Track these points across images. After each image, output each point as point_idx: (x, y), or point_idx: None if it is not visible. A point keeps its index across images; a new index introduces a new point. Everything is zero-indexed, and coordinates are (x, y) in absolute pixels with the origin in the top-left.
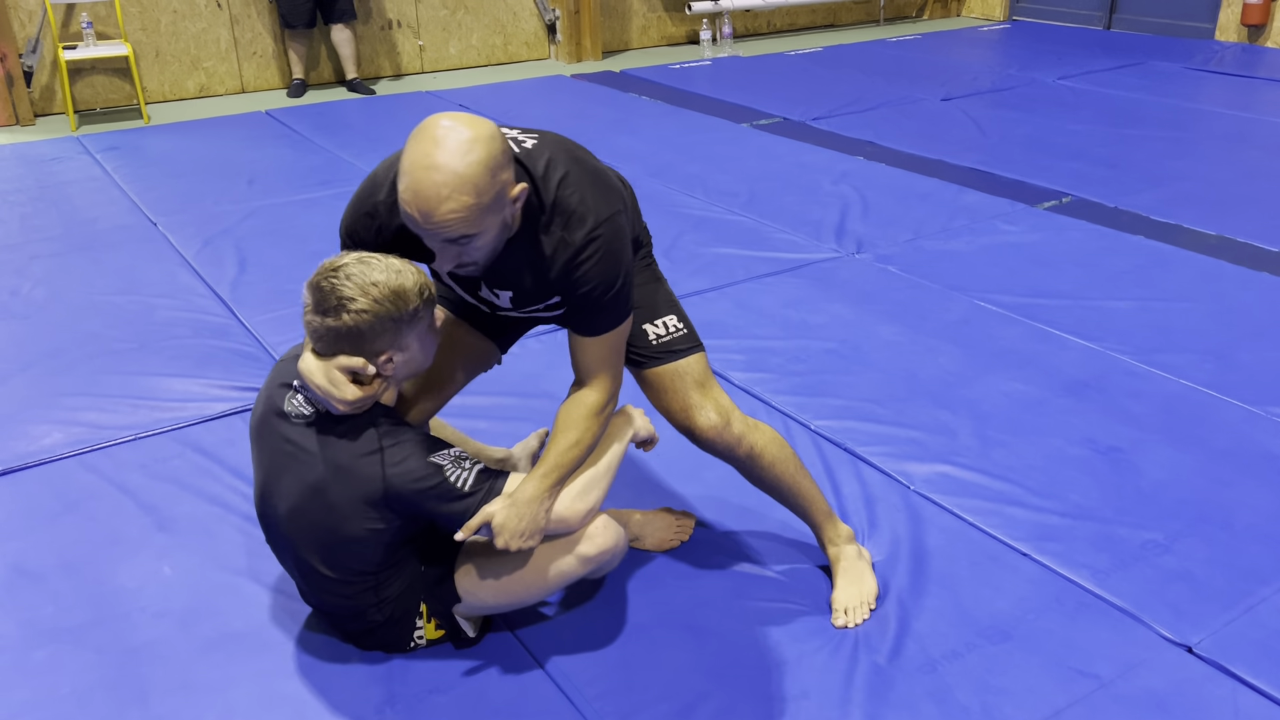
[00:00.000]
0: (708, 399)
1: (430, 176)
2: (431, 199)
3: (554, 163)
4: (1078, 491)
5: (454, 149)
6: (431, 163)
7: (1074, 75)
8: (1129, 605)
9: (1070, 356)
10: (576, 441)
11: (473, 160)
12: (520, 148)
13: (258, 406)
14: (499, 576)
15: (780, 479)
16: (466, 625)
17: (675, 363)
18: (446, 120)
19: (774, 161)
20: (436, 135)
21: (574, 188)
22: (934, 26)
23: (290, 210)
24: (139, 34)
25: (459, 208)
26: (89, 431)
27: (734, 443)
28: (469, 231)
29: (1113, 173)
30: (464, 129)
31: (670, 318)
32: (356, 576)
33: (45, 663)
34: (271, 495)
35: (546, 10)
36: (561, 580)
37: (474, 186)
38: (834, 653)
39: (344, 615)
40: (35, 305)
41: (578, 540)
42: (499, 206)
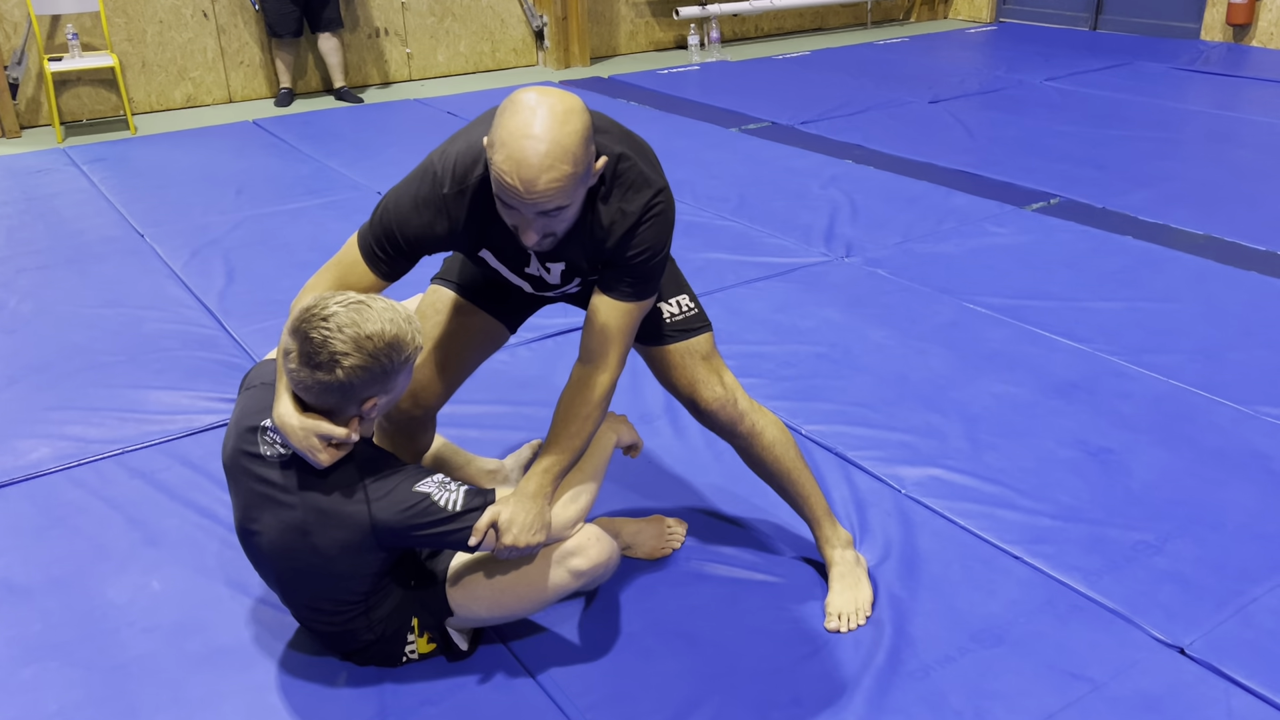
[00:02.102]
0: (714, 374)
1: (534, 146)
2: (535, 167)
3: (612, 138)
4: (1069, 493)
5: (554, 119)
6: (532, 132)
7: (1061, 76)
8: (1121, 607)
9: (1060, 358)
10: (578, 431)
11: (571, 130)
12: None
13: (227, 442)
14: (492, 590)
15: (779, 462)
16: (459, 638)
17: (686, 341)
18: (537, 93)
19: (763, 166)
20: (534, 105)
21: (632, 161)
22: (921, 29)
23: (278, 220)
24: (125, 45)
25: (560, 177)
26: (76, 446)
27: (737, 418)
28: (564, 203)
29: (1100, 174)
30: (559, 101)
31: (683, 297)
32: (346, 606)
33: (32, 680)
34: (252, 527)
35: (534, 17)
36: (555, 593)
37: (573, 156)
38: (826, 659)
39: (335, 638)
40: (22, 319)
41: (570, 554)
42: (588, 177)
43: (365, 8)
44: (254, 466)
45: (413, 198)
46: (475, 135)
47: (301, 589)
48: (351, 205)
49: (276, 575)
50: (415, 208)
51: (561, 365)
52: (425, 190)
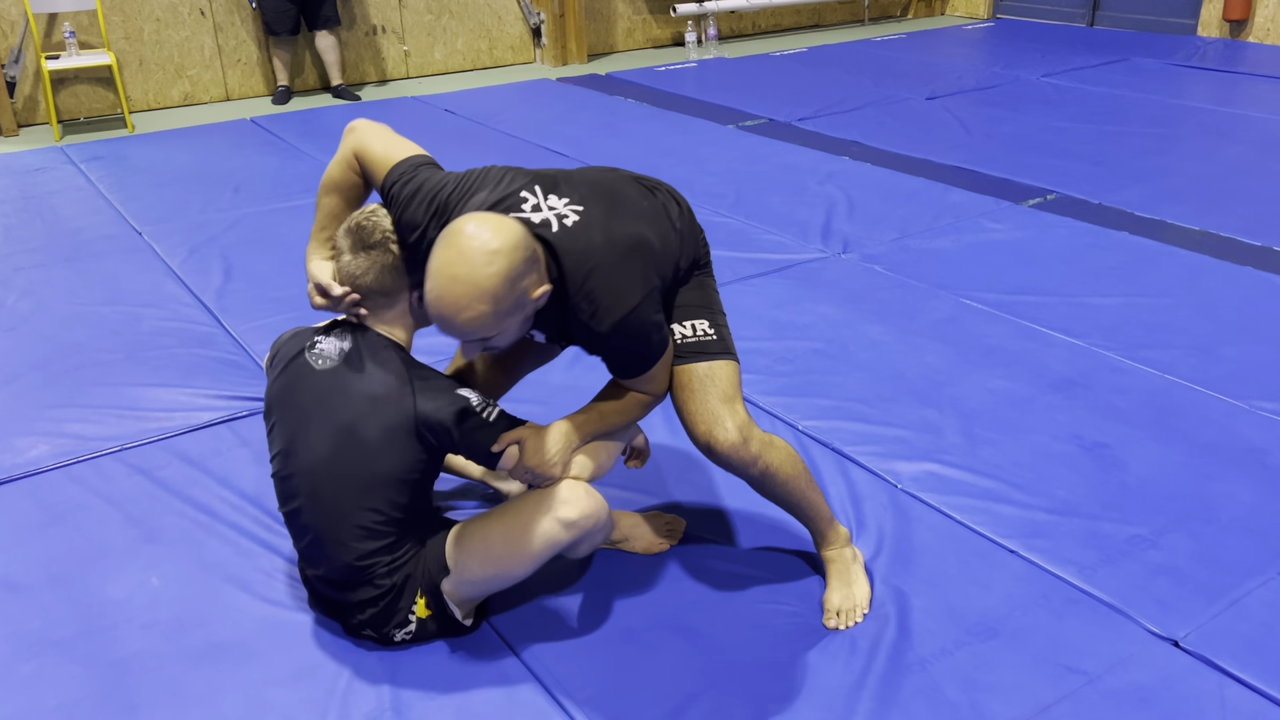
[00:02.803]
0: (727, 412)
1: (452, 287)
2: (451, 307)
3: (590, 250)
4: (1064, 488)
5: (476, 260)
6: (454, 273)
7: (1058, 73)
8: (1116, 600)
9: (1056, 353)
10: (621, 410)
11: (492, 272)
12: (561, 226)
13: (274, 382)
14: (484, 542)
15: (790, 495)
16: (455, 609)
17: (700, 364)
18: (472, 226)
19: (760, 162)
20: (461, 245)
21: (602, 279)
22: (919, 26)
23: (276, 218)
24: (122, 43)
25: (477, 315)
26: (75, 443)
27: (750, 462)
28: (488, 334)
29: (1097, 169)
30: (492, 236)
31: (701, 322)
32: (378, 526)
33: (32, 676)
34: (296, 453)
35: (531, 14)
36: (547, 547)
37: (492, 297)
38: (824, 653)
39: (351, 581)
40: (20, 317)
41: (560, 503)
42: (519, 308)
43: (362, 5)
44: (305, 383)
45: (421, 198)
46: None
47: (341, 502)
48: None
49: (314, 500)
50: (415, 203)
51: (558, 364)
52: (425, 201)
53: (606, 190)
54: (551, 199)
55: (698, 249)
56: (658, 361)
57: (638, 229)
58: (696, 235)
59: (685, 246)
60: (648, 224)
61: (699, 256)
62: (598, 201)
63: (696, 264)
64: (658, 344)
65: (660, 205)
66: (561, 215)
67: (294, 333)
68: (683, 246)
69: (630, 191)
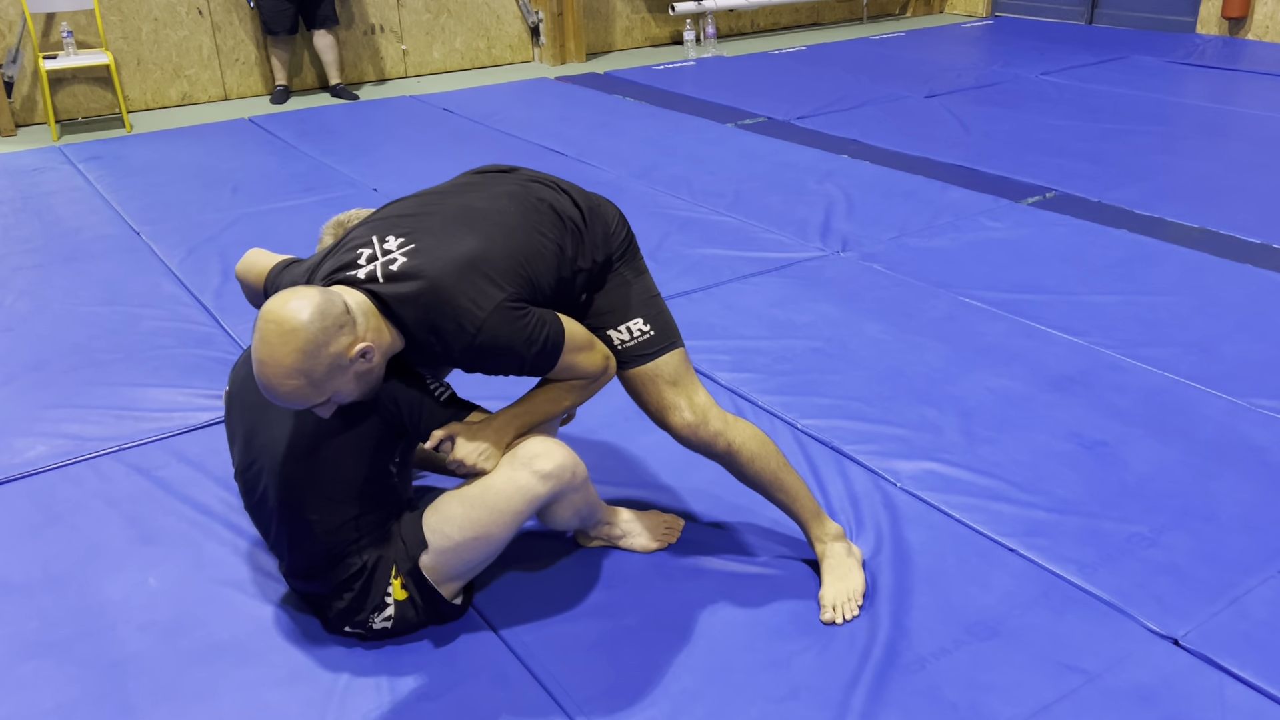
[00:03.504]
0: (681, 397)
1: (263, 370)
2: (269, 388)
3: (420, 289)
4: (1064, 486)
5: (274, 343)
6: (260, 357)
7: (1057, 71)
8: (1115, 599)
9: (1055, 351)
10: (555, 399)
11: (291, 350)
12: (386, 274)
13: (237, 371)
14: (463, 505)
15: (761, 474)
16: (441, 589)
17: (644, 366)
18: (274, 309)
19: (759, 161)
20: (261, 331)
21: (439, 310)
22: (917, 24)
23: (275, 218)
24: (120, 42)
25: (294, 389)
26: (73, 443)
27: (710, 439)
28: (317, 400)
29: (1096, 167)
30: (283, 319)
31: (636, 321)
32: (340, 502)
33: (29, 676)
34: (257, 435)
35: (530, 13)
36: (526, 502)
37: (299, 372)
38: (823, 652)
39: (319, 565)
40: (18, 317)
41: (534, 456)
42: (336, 372)
43: (360, 4)
44: None
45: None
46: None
47: (301, 483)
48: (348, 202)
49: (277, 485)
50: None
51: None
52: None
53: (452, 215)
54: (388, 242)
55: (609, 244)
56: (556, 355)
57: (474, 246)
58: (608, 230)
59: (584, 246)
60: (501, 235)
61: (612, 251)
62: (434, 231)
63: (610, 260)
64: (538, 345)
65: (534, 210)
66: (390, 261)
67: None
68: (579, 247)
69: (486, 205)
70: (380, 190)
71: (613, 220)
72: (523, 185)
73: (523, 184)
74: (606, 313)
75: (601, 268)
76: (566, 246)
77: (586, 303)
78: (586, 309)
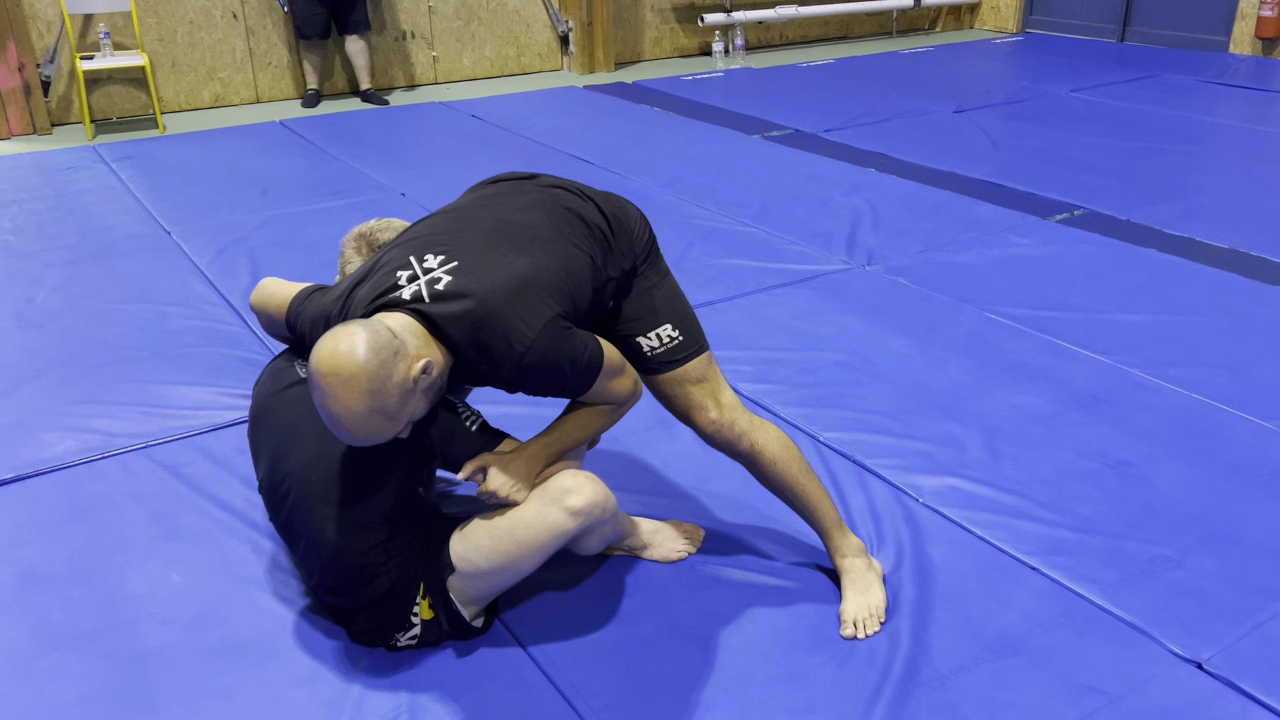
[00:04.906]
0: (708, 397)
1: (339, 423)
2: (352, 437)
3: (469, 308)
4: (1087, 505)
5: (339, 394)
6: (330, 412)
7: (1087, 88)
8: (1138, 620)
9: (1081, 370)
10: (585, 425)
11: (359, 395)
12: (433, 293)
13: (261, 388)
14: (491, 536)
15: (783, 478)
16: (464, 610)
17: (673, 371)
18: (326, 359)
19: (785, 173)
20: (322, 385)
21: (488, 328)
22: (947, 39)
23: (303, 220)
24: (155, 44)
25: (375, 430)
26: (101, 439)
27: (734, 439)
28: (397, 429)
29: (1125, 186)
30: (342, 367)
31: (665, 327)
32: (371, 522)
33: (53, 669)
34: (286, 458)
35: (560, 22)
36: (554, 537)
37: (373, 411)
38: (842, 666)
39: (348, 584)
40: (50, 313)
41: (566, 492)
42: (407, 396)
43: (392, 11)
44: (293, 390)
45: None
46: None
47: (331, 504)
48: (376, 206)
49: (305, 505)
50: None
51: None
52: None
53: (489, 230)
54: (428, 260)
55: (634, 249)
56: (595, 376)
57: (522, 265)
58: (631, 235)
59: (612, 255)
60: (543, 251)
61: (637, 256)
62: (475, 248)
63: (635, 268)
64: (582, 366)
65: (565, 222)
66: (434, 280)
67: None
68: (608, 256)
69: (520, 218)
70: (408, 195)
71: (636, 224)
72: (547, 193)
73: (547, 191)
74: (635, 319)
75: (628, 274)
76: (597, 257)
77: (614, 310)
78: (615, 317)
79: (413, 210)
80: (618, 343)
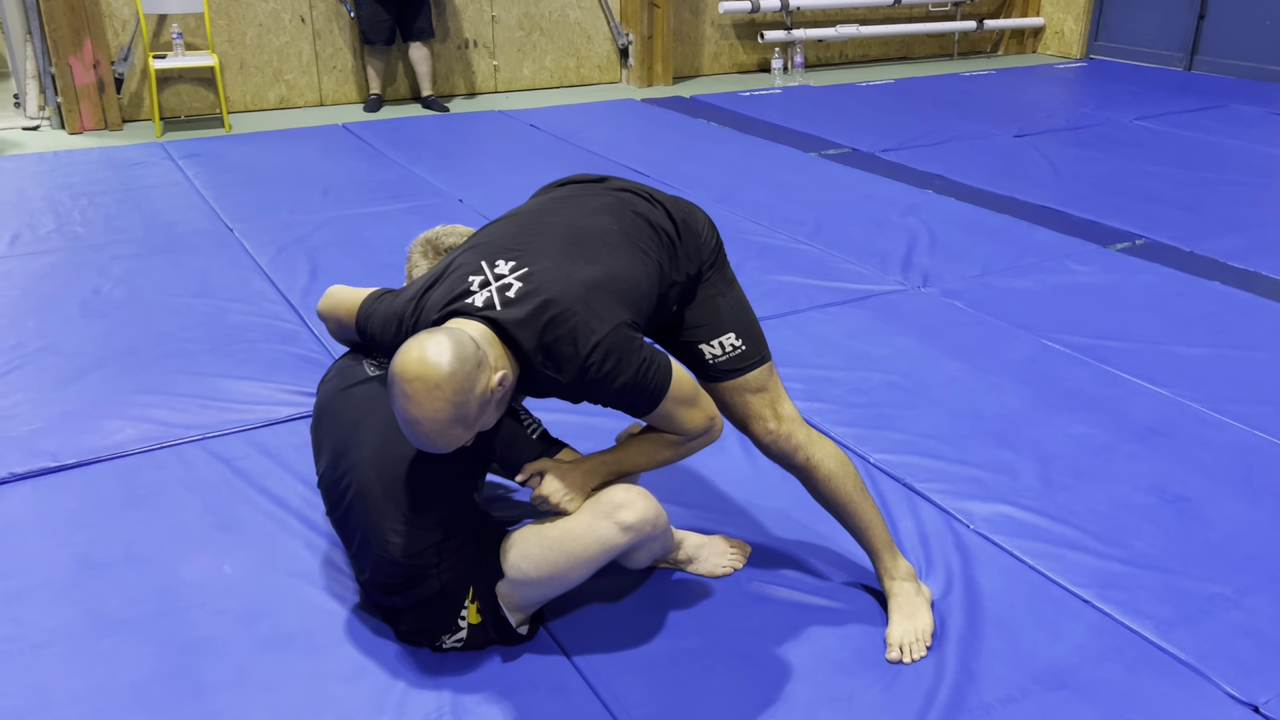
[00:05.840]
0: (767, 407)
1: (417, 430)
2: (430, 444)
3: (538, 311)
4: (1143, 540)
5: (424, 400)
6: (411, 417)
7: (1152, 116)
8: (1193, 660)
9: (1140, 402)
10: (650, 454)
11: (443, 405)
12: (504, 300)
13: (328, 385)
14: (541, 546)
15: (836, 494)
16: (510, 615)
17: (733, 380)
18: (413, 365)
19: (841, 191)
20: (405, 392)
21: (555, 332)
22: (1009, 62)
23: (362, 222)
24: (225, 45)
25: (454, 438)
26: (159, 429)
27: (790, 451)
28: (468, 438)
29: (1190, 216)
30: (428, 374)
31: (728, 336)
32: (426, 523)
33: (107, 652)
34: (348, 452)
35: (620, 35)
36: (603, 551)
37: (455, 421)
38: (886, 690)
39: (399, 583)
40: (114, 304)
41: (618, 506)
42: (485, 407)
43: (456, 19)
44: (360, 387)
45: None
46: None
47: (389, 500)
48: (434, 210)
49: (363, 500)
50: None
51: None
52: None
53: (559, 236)
54: (499, 266)
55: (701, 255)
56: (661, 394)
57: (591, 271)
58: (699, 241)
59: (678, 260)
60: (612, 258)
61: (703, 262)
62: (546, 253)
63: (701, 274)
64: (646, 378)
65: (634, 227)
66: (505, 286)
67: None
68: (674, 261)
69: (590, 224)
70: (466, 201)
71: (703, 230)
72: (616, 197)
73: (616, 196)
74: (698, 327)
75: (693, 279)
76: (664, 262)
77: (678, 316)
78: (678, 323)
79: (470, 216)
80: (680, 349)
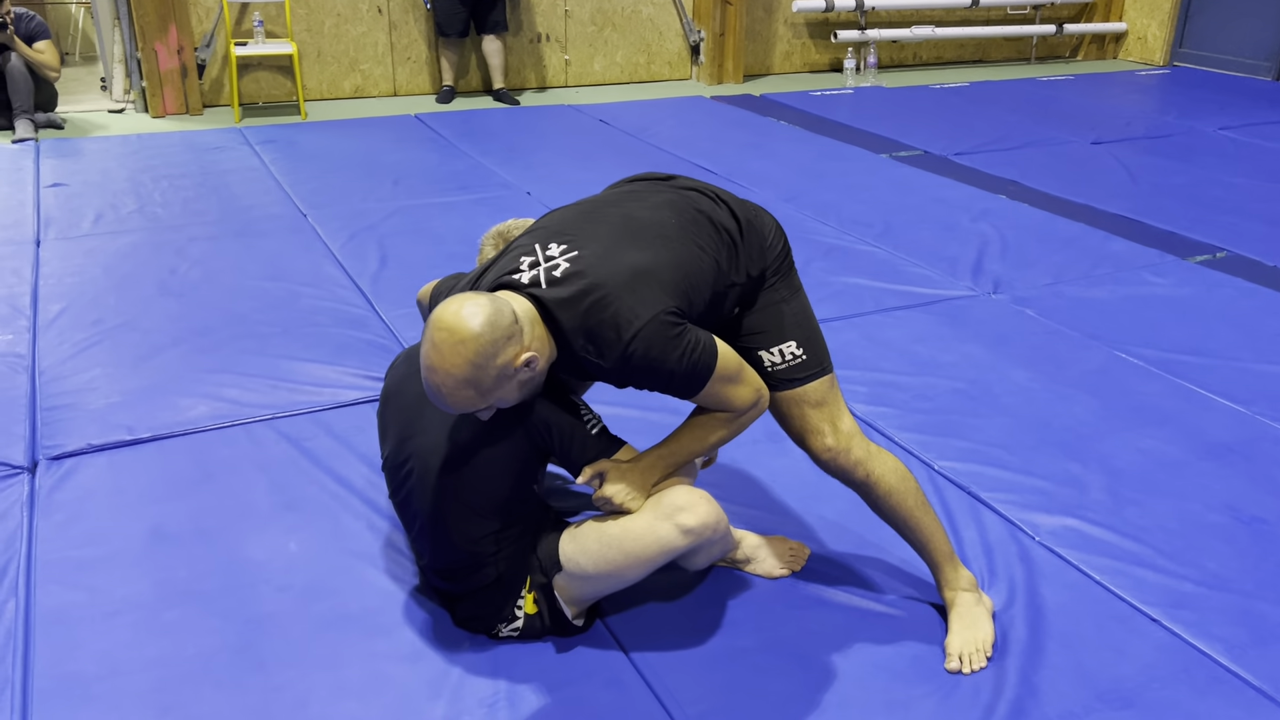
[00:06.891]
0: (825, 422)
1: (431, 378)
2: (437, 396)
3: (583, 292)
4: (1215, 560)
5: (445, 352)
6: (430, 364)
7: (1236, 126)
8: (1266, 686)
9: (1215, 418)
10: (701, 437)
11: (462, 361)
12: (550, 279)
13: (397, 370)
14: (600, 543)
15: (897, 510)
16: (566, 608)
17: (793, 390)
18: (447, 317)
19: (911, 194)
20: (432, 338)
21: (598, 315)
22: (1088, 68)
23: (431, 212)
24: (304, 34)
25: (462, 399)
26: (231, 408)
27: (850, 467)
28: (481, 406)
29: (1273, 229)
30: (456, 326)
31: (789, 344)
32: (485, 512)
33: (175, 623)
34: (412, 439)
35: (692, 31)
36: (662, 552)
37: (468, 381)
38: (944, 700)
39: (458, 569)
40: (190, 284)
41: (679, 509)
42: (503, 380)
43: (529, 14)
44: None
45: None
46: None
47: (449, 486)
48: (502, 202)
49: (424, 485)
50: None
51: None
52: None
53: (614, 224)
54: (551, 249)
55: (765, 258)
56: (706, 377)
57: (639, 257)
58: (764, 243)
59: (739, 260)
60: (664, 247)
61: (767, 266)
62: (598, 239)
63: (764, 275)
64: (690, 362)
65: (693, 222)
66: (553, 266)
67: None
68: (734, 260)
69: (648, 216)
70: (534, 194)
71: (769, 233)
72: (680, 194)
73: (680, 193)
74: (759, 333)
75: (755, 282)
76: (722, 261)
77: (737, 319)
78: (737, 326)
79: (537, 209)
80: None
